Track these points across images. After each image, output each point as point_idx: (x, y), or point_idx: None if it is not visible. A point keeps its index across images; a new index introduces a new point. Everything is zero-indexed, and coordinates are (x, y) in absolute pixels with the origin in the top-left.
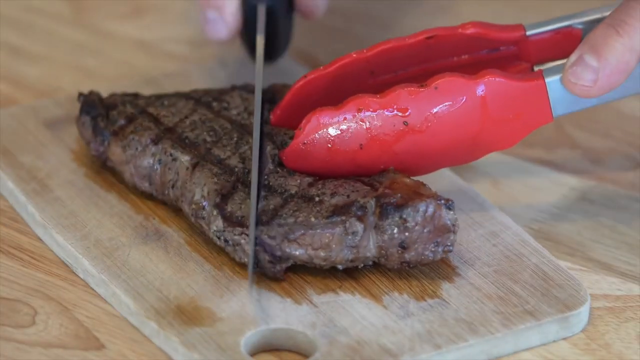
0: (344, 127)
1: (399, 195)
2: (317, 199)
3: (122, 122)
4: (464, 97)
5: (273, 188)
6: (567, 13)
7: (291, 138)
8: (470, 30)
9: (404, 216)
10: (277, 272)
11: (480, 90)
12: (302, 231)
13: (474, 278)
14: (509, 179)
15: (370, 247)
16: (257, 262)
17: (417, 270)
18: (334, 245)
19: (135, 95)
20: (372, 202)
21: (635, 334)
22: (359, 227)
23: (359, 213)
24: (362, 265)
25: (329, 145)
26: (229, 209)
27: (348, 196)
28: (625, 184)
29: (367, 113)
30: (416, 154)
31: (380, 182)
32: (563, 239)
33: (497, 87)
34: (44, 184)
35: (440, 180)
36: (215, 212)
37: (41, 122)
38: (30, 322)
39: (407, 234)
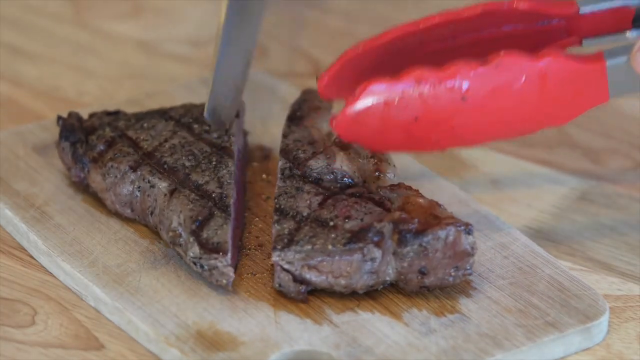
0: (400, 98)
1: (416, 220)
2: (331, 223)
3: (101, 147)
4: (524, 76)
5: (284, 211)
6: None
7: (304, 152)
8: (523, 5)
9: (424, 244)
10: (301, 294)
11: (540, 69)
12: (320, 258)
13: (490, 291)
14: (509, 179)
15: (389, 272)
16: (279, 284)
17: None
18: (353, 273)
19: (117, 114)
20: (389, 227)
21: (635, 334)
22: (377, 253)
23: (376, 239)
24: (381, 287)
25: (383, 115)
26: (204, 235)
27: (362, 219)
28: (625, 184)
29: (425, 86)
30: (471, 128)
31: (392, 200)
32: (563, 239)
33: (557, 67)
34: (43, 212)
35: (439, 192)
36: (191, 239)
37: (30, 147)
38: (30, 322)
39: (426, 261)
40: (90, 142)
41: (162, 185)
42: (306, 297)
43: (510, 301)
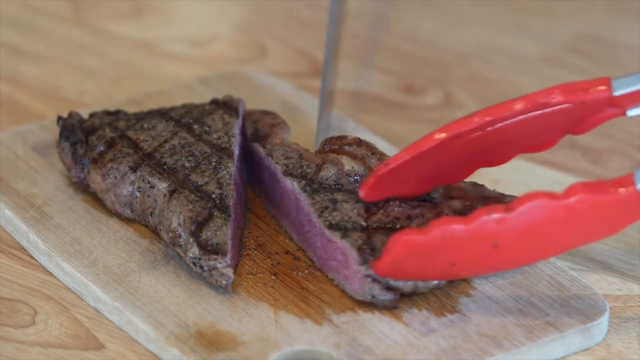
0: (431, 249)
1: (481, 204)
2: (397, 225)
3: (101, 147)
4: (552, 218)
5: (341, 226)
6: (567, 15)
7: (308, 167)
8: (558, 99)
9: None
10: (394, 301)
11: (568, 207)
12: None
13: (490, 291)
14: (509, 179)
15: None
16: (372, 297)
17: None
18: None
19: (117, 114)
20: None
21: (635, 334)
22: None
23: None
24: None
25: (419, 263)
26: (203, 236)
27: (423, 215)
28: None
29: (454, 239)
30: (508, 262)
31: (432, 195)
32: None
33: (586, 202)
34: (43, 212)
35: None
36: (191, 240)
37: (30, 147)
38: (30, 322)
39: None
40: (90, 142)
41: (162, 186)
42: (397, 302)
43: (511, 301)
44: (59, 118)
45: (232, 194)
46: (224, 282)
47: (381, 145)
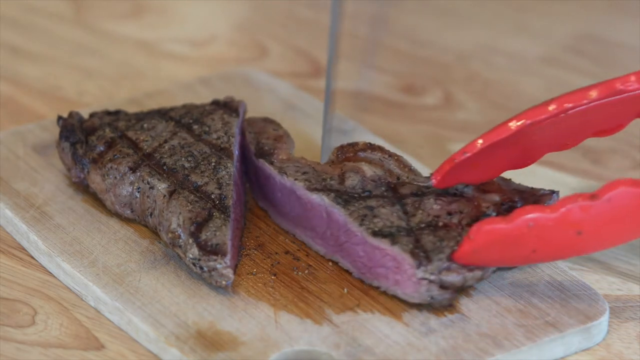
0: (514, 237)
1: (517, 198)
2: (440, 223)
3: (100, 148)
4: (635, 204)
5: (385, 232)
6: (567, 15)
7: (331, 179)
8: (633, 85)
9: None
10: (451, 299)
11: None
12: None
13: (490, 291)
14: (510, 178)
15: None
16: (431, 298)
17: None
18: None
19: (117, 114)
20: (496, 209)
21: (635, 334)
22: None
23: None
24: None
25: (501, 250)
26: (203, 237)
27: (461, 211)
28: None
29: (539, 226)
30: (589, 249)
31: (457, 188)
32: None
33: None
34: (43, 212)
35: None
36: (190, 241)
37: (30, 147)
38: (30, 322)
39: None
40: (90, 142)
41: (162, 186)
42: (455, 298)
43: (511, 301)
44: (59, 118)
45: (231, 194)
46: (223, 282)
47: (381, 145)
